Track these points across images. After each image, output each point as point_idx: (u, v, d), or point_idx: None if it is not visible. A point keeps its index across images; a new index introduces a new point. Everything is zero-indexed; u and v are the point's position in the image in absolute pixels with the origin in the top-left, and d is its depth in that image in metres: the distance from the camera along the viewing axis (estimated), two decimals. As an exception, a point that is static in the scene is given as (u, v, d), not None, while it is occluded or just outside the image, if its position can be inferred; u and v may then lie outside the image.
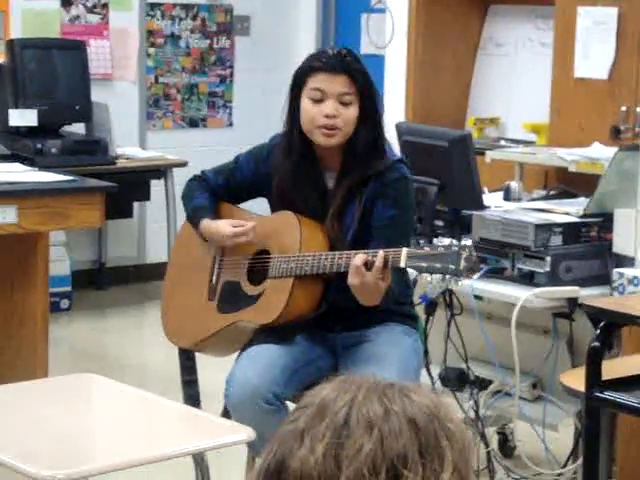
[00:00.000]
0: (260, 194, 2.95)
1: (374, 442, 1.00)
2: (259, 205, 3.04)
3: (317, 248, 2.76)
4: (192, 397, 3.08)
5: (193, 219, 2.95)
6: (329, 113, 2.74)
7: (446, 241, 2.55)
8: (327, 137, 2.77)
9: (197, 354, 3.11)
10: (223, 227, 2.87)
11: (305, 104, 2.78)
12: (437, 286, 3.19)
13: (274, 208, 2.92)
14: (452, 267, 2.50)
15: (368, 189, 2.79)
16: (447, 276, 2.53)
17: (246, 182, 2.93)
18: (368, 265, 2.59)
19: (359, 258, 2.60)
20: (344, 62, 2.76)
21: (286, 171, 2.83)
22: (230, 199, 2.99)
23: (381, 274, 2.59)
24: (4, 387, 2.74)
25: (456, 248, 2.51)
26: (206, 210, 2.93)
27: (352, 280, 2.61)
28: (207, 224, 2.90)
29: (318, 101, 2.76)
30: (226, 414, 2.85)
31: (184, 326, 3.01)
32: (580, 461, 2.97)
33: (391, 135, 3.52)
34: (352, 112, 2.77)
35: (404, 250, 2.56)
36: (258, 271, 2.87)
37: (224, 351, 3.03)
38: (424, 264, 2.53)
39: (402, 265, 2.56)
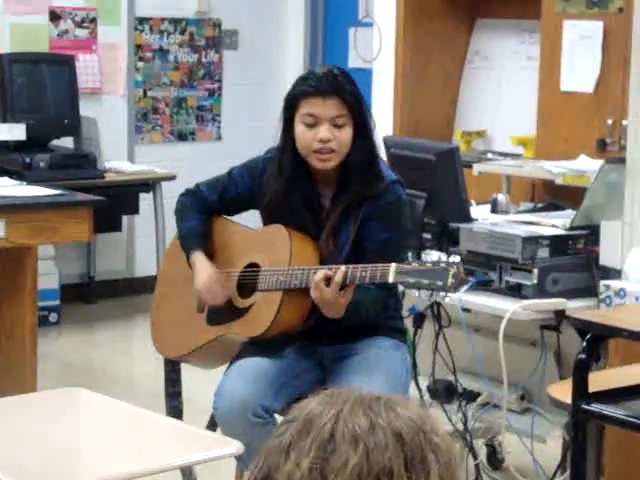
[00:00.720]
0: (253, 207, 2.96)
1: (360, 456, 1.00)
2: (253, 217, 3.04)
3: (307, 262, 2.77)
4: (175, 409, 3.08)
5: (184, 244, 2.97)
6: (323, 138, 2.75)
7: (434, 256, 2.56)
8: (323, 162, 2.78)
9: (183, 366, 3.11)
10: (201, 280, 2.87)
11: (299, 129, 2.78)
12: (425, 299, 3.21)
13: (267, 222, 2.93)
14: (440, 283, 2.51)
15: (364, 209, 2.79)
16: (435, 292, 2.55)
17: (239, 196, 2.94)
18: (329, 281, 2.62)
19: (320, 273, 2.65)
20: (335, 84, 2.76)
21: (278, 190, 2.83)
22: (223, 212, 3.00)
23: (339, 289, 2.61)
24: (-8, 401, 2.74)
25: (444, 265, 2.52)
26: (198, 237, 2.93)
27: (312, 294, 2.67)
28: (195, 262, 2.90)
29: (311, 125, 2.77)
30: (212, 426, 2.85)
31: (173, 337, 3.02)
32: (568, 473, 2.98)
33: (382, 151, 3.54)
34: (346, 134, 2.77)
35: (393, 265, 2.57)
36: (248, 284, 2.88)
37: (212, 363, 3.04)
38: (412, 280, 2.54)
39: (390, 280, 2.57)
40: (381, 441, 1.01)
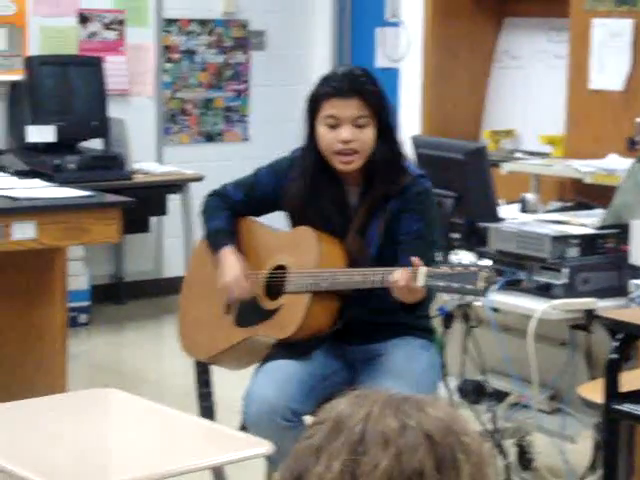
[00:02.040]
0: (279, 208, 2.96)
1: (390, 458, 1.00)
2: (279, 218, 3.05)
3: (335, 264, 2.77)
4: (207, 409, 3.09)
5: (211, 242, 2.97)
6: (345, 139, 2.74)
7: (464, 259, 2.56)
8: (346, 164, 2.78)
9: (214, 367, 3.12)
10: (228, 275, 2.87)
11: (321, 131, 2.78)
12: (455, 300, 3.21)
13: (293, 223, 2.93)
14: (470, 287, 2.50)
15: (391, 205, 2.79)
16: (465, 295, 2.54)
17: (266, 196, 2.94)
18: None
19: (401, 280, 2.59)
20: (355, 84, 2.75)
21: (301, 191, 2.83)
22: (250, 213, 3.00)
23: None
24: (23, 402, 2.76)
25: (474, 268, 2.52)
26: (224, 235, 2.94)
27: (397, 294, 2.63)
28: (223, 257, 2.90)
29: (333, 127, 2.76)
30: (244, 429, 2.85)
31: (201, 339, 3.02)
32: (599, 473, 2.97)
33: (407, 148, 3.53)
34: (369, 134, 2.77)
35: (423, 269, 2.56)
36: (275, 286, 2.88)
37: (241, 365, 3.04)
38: (442, 283, 2.53)
39: (420, 284, 2.56)
40: (412, 442, 1.01)
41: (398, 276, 2.60)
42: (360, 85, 2.76)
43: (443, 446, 1.01)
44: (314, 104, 2.79)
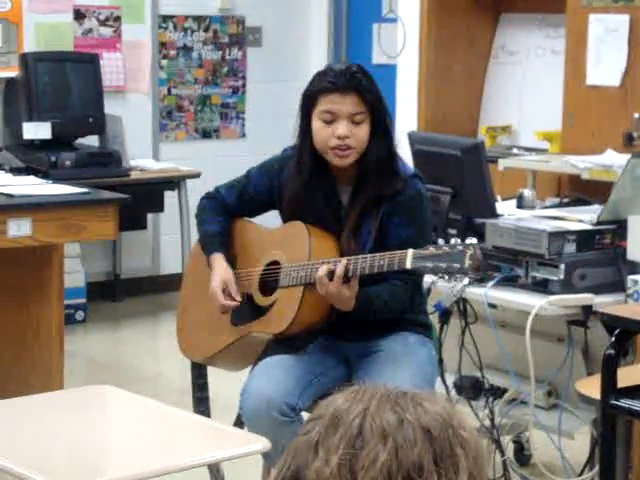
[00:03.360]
0: (272, 207, 2.96)
1: (389, 452, 1.00)
2: (274, 218, 3.04)
3: (327, 256, 2.76)
4: (203, 414, 3.08)
5: (204, 245, 2.97)
6: (341, 134, 2.74)
7: (452, 241, 2.56)
8: (341, 158, 2.77)
9: (209, 369, 3.11)
10: (215, 281, 2.87)
11: (317, 126, 2.77)
12: (450, 294, 3.20)
13: (286, 221, 2.92)
14: (457, 266, 2.51)
15: (384, 206, 2.79)
16: (456, 280, 2.54)
17: (259, 197, 2.94)
18: (332, 275, 2.63)
19: (322, 269, 2.65)
20: (353, 80, 2.74)
21: (298, 189, 2.83)
22: (244, 214, 3.00)
23: (342, 282, 2.63)
24: (20, 399, 2.75)
25: (460, 247, 2.52)
26: (218, 240, 2.94)
27: (318, 289, 2.68)
28: (214, 263, 2.90)
29: (329, 122, 2.76)
30: (238, 425, 2.85)
31: (198, 340, 3.02)
32: (597, 469, 2.97)
33: (404, 144, 3.52)
34: (364, 130, 2.76)
35: (410, 251, 2.56)
36: (269, 282, 2.88)
37: (238, 364, 3.03)
38: (429, 264, 2.54)
39: (408, 266, 2.56)
40: (410, 436, 1.01)
41: (323, 269, 2.63)
42: (358, 81, 2.75)
43: (441, 440, 1.01)
44: (310, 99, 2.78)
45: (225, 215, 2.97)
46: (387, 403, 1.03)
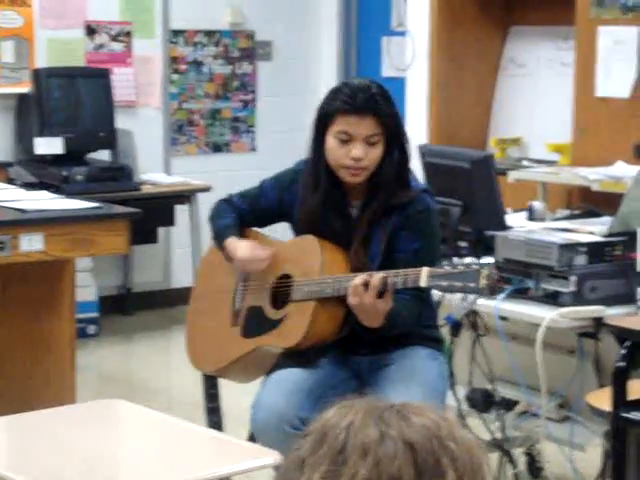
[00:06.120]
0: (284, 219, 2.97)
1: (368, 467, 1.00)
2: (282, 230, 3.05)
3: (338, 271, 2.77)
4: (215, 424, 3.09)
5: (219, 238, 2.97)
6: (356, 157, 2.74)
7: (467, 260, 2.56)
8: (354, 176, 2.78)
9: (221, 380, 3.12)
10: (241, 250, 2.88)
11: (331, 144, 2.77)
12: (461, 307, 3.20)
13: (298, 234, 2.93)
14: (472, 285, 2.50)
15: (393, 219, 2.79)
16: (468, 295, 2.54)
17: (270, 208, 2.95)
18: (367, 286, 2.61)
19: (359, 278, 2.63)
20: (372, 102, 2.73)
21: (314, 205, 2.83)
22: (254, 224, 3.01)
23: (378, 295, 2.61)
24: (32, 414, 2.76)
25: (476, 266, 2.52)
26: (232, 229, 2.95)
27: (351, 300, 2.65)
28: (231, 242, 2.91)
29: (345, 142, 2.76)
30: (252, 439, 2.85)
31: (208, 352, 3.03)
32: (608, 481, 2.96)
33: (414, 157, 3.53)
34: (379, 150, 2.77)
35: (424, 269, 2.56)
36: (281, 295, 2.89)
37: (248, 377, 3.04)
38: (444, 283, 2.53)
39: (422, 284, 2.56)
40: (390, 451, 1.01)
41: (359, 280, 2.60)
42: (376, 104, 2.74)
43: (424, 452, 1.01)
44: (326, 117, 2.78)
45: (238, 217, 2.98)
46: (371, 418, 1.03)
